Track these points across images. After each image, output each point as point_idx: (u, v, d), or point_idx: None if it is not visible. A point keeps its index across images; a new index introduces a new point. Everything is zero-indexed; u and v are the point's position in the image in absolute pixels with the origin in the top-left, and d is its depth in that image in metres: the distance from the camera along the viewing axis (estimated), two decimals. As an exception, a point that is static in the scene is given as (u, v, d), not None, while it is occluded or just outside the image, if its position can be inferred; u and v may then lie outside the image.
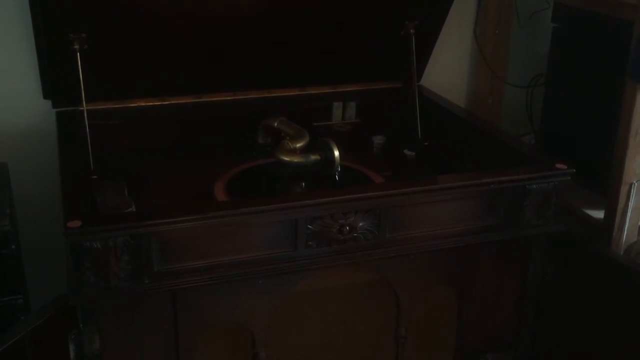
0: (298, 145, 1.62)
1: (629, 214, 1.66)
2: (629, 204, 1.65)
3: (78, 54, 1.57)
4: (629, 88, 1.61)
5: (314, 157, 1.59)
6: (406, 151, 1.87)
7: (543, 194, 1.52)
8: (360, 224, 1.40)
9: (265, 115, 1.80)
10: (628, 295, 1.56)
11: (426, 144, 1.87)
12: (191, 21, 1.66)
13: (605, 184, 1.71)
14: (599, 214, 1.76)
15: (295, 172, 1.61)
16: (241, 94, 1.90)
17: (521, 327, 1.69)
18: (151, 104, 1.82)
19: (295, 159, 1.59)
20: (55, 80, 1.69)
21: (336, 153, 1.56)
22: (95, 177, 1.55)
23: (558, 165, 1.53)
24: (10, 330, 1.34)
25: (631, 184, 1.65)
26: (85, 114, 1.59)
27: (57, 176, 1.46)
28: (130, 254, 1.26)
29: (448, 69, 2.21)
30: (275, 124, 1.74)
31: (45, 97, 1.74)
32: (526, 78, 2.24)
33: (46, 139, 1.77)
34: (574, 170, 1.53)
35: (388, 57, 1.93)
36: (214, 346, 1.46)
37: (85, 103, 1.59)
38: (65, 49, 1.56)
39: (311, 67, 1.90)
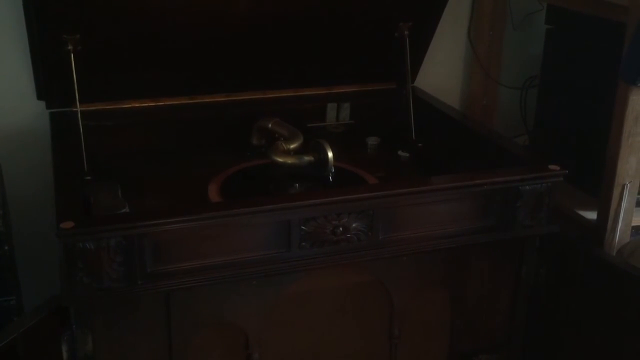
0: (292, 146, 1.62)
1: (621, 215, 1.67)
2: (622, 205, 1.66)
3: (72, 55, 1.56)
4: (621, 89, 1.61)
5: (307, 158, 1.59)
6: (400, 152, 1.87)
7: (536, 195, 1.52)
8: (354, 225, 1.41)
9: (259, 116, 1.80)
10: (620, 296, 1.56)
11: (420, 145, 1.87)
12: (185, 22, 1.66)
13: (598, 185, 1.72)
14: (591, 215, 1.76)
15: (289, 173, 1.61)
16: (235, 95, 1.90)
17: (514, 327, 1.70)
18: (145, 105, 1.82)
19: (289, 160, 1.59)
20: (49, 81, 1.69)
21: (330, 154, 1.56)
22: (88, 178, 1.55)
23: (551, 167, 1.53)
24: (3, 331, 1.34)
25: (624, 185, 1.65)
26: (79, 115, 1.59)
27: (50, 177, 1.46)
28: (123, 255, 1.26)
29: (442, 70, 2.22)
30: (270, 125, 1.74)
31: (39, 98, 1.74)
32: (520, 79, 2.24)
33: (40, 139, 1.77)
34: (567, 172, 1.53)
35: (382, 59, 1.93)
36: (208, 347, 1.46)
37: (79, 104, 1.59)
38: (59, 50, 1.56)
39: (305, 68, 1.90)
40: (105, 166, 1.65)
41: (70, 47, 1.56)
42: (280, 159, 1.60)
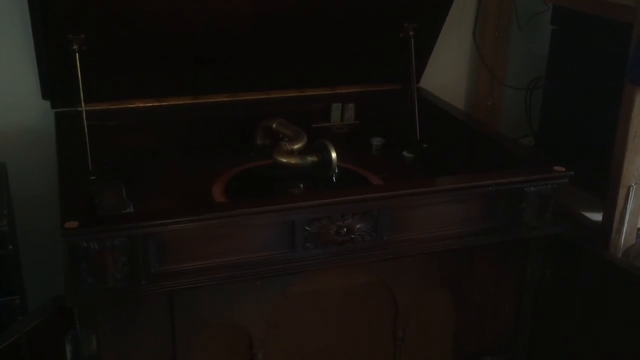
0: (296, 146, 1.62)
1: (627, 217, 1.66)
2: (628, 206, 1.65)
3: (77, 54, 1.56)
4: (627, 90, 1.61)
5: (311, 159, 1.59)
6: (405, 153, 1.87)
7: (541, 196, 1.52)
8: (358, 226, 1.40)
9: (263, 116, 1.80)
10: (626, 298, 1.55)
11: (425, 145, 1.87)
12: (190, 22, 1.66)
13: (603, 186, 1.71)
14: (597, 217, 1.76)
15: (293, 173, 1.61)
16: (240, 95, 1.90)
17: (519, 329, 1.69)
18: (149, 104, 1.82)
19: (293, 161, 1.59)
20: (54, 81, 1.69)
21: (333, 155, 1.56)
22: (93, 177, 1.55)
23: (556, 168, 1.53)
24: (7, 331, 1.34)
25: (630, 187, 1.64)
26: (84, 115, 1.59)
27: (55, 177, 1.46)
28: (128, 255, 1.26)
29: (447, 70, 2.21)
30: (274, 126, 1.74)
31: (44, 97, 1.74)
32: (525, 80, 2.24)
33: (44, 139, 1.77)
34: (573, 173, 1.53)
35: (387, 59, 1.93)
36: (211, 348, 1.45)
37: (84, 103, 1.59)
38: (64, 50, 1.56)
39: (310, 68, 1.90)
40: (109, 166, 1.65)
41: (75, 47, 1.56)
42: (284, 160, 1.59)
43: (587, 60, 1.89)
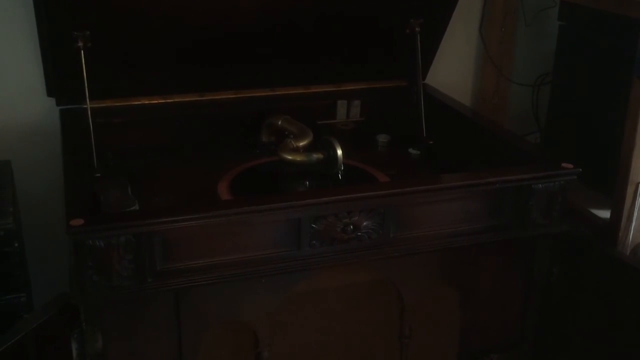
0: (301, 144, 1.62)
1: (635, 214, 1.65)
2: (635, 203, 1.64)
3: (82, 51, 1.56)
4: (635, 87, 1.59)
5: (316, 156, 1.58)
6: (411, 150, 1.86)
7: (548, 193, 1.51)
8: (364, 224, 1.40)
9: (269, 113, 1.79)
10: (634, 296, 1.55)
11: (431, 142, 1.86)
12: (195, 19, 1.65)
13: (611, 183, 1.70)
14: (605, 214, 1.75)
15: (298, 170, 1.60)
16: (245, 92, 1.89)
17: (525, 327, 1.68)
18: (155, 102, 1.81)
19: (298, 158, 1.59)
20: (59, 78, 1.69)
21: (339, 152, 1.55)
22: (98, 175, 1.55)
23: (564, 165, 1.52)
24: (13, 329, 1.34)
25: (637, 184, 1.64)
26: (89, 112, 1.58)
27: (60, 174, 1.46)
28: (133, 252, 1.26)
29: (453, 67, 2.21)
30: (279, 123, 1.74)
31: (49, 94, 1.74)
32: (532, 76, 2.23)
33: (50, 136, 1.77)
34: (580, 170, 1.52)
35: (393, 56, 1.92)
36: (217, 345, 1.45)
37: (89, 101, 1.58)
38: (69, 47, 1.56)
39: (315, 65, 1.89)
40: (115, 163, 1.64)
41: (80, 44, 1.56)
42: (289, 157, 1.59)
43: (594, 56, 1.88)
